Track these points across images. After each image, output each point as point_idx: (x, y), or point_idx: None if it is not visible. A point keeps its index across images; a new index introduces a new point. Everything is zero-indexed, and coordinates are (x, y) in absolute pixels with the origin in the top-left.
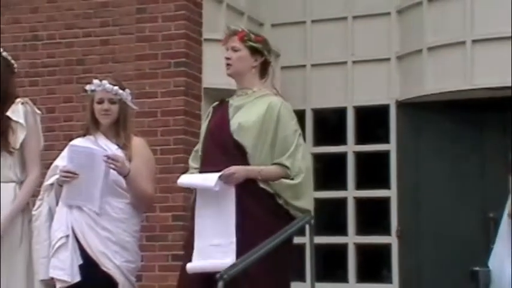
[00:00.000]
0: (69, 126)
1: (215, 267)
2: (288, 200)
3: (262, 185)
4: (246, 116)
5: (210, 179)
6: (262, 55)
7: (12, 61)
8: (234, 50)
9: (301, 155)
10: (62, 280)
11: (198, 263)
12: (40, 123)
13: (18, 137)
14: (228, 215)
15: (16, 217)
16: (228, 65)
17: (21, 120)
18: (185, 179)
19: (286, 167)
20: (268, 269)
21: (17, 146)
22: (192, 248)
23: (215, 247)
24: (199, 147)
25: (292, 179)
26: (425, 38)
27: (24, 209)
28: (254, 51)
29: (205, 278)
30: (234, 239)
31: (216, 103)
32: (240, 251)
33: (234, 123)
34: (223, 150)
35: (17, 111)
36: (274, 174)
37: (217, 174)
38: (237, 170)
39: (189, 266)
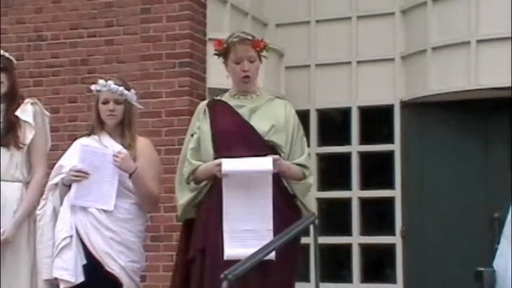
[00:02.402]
0: (74, 126)
1: None
2: (302, 200)
3: (286, 185)
4: (274, 119)
5: (265, 163)
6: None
7: (12, 58)
8: (251, 60)
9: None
10: (66, 280)
11: (235, 250)
12: (48, 124)
13: (26, 136)
14: (264, 200)
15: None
16: (247, 76)
17: (30, 120)
18: (232, 166)
19: (306, 166)
20: (272, 269)
21: (27, 142)
22: (202, 244)
23: (249, 233)
24: (205, 146)
25: (307, 178)
26: (430, 38)
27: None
28: (260, 57)
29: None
30: (271, 226)
31: (207, 101)
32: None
33: (262, 125)
34: (254, 150)
35: (26, 111)
36: (296, 172)
37: (269, 158)
38: (279, 158)
39: (226, 252)
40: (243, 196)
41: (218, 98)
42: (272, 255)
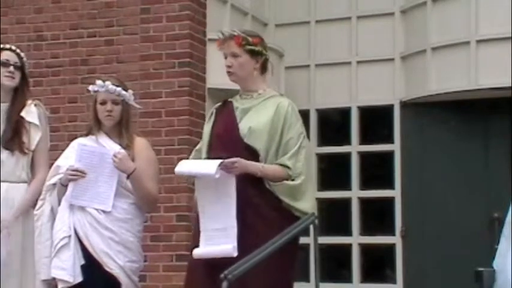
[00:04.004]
0: (74, 127)
1: (216, 253)
2: (289, 202)
3: (268, 187)
4: (256, 120)
5: (211, 166)
6: (262, 55)
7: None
8: (234, 56)
9: (303, 156)
10: (64, 280)
11: (202, 249)
12: (48, 125)
13: (33, 138)
14: (228, 199)
15: (30, 216)
16: (229, 72)
17: (37, 122)
18: (183, 167)
19: (288, 167)
20: (271, 269)
21: (32, 147)
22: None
23: (218, 231)
24: (202, 148)
25: (293, 180)
26: (430, 38)
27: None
28: (254, 53)
29: (212, 275)
30: (235, 223)
31: (219, 104)
32: (250, 252)
33: (243, 127)
34: (232, 153)
35: (31, 113)
36: (275, 173)
37: (217, 161)
38: (239, 160)
39: (194, 252)
40: (212, 196)
41: (230, 99)
42: (231, 252)
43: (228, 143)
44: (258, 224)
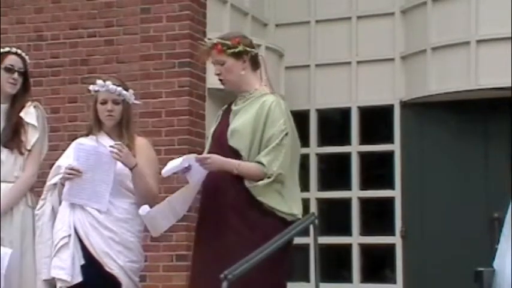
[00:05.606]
0: (74, 127)
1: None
2: (267, 202)
3: (246, 186)
4: (240, 120)
5: (178, 159)
6: (247, 53)
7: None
8: (220, 63)
9: (283, 155)
10: (63, 280)
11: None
12: (47, 126)
13: (30, 139)
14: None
15: (29, 216)
16: (221, 80)
17: (35, 123)
18: (166, 167)
19: (262, 164)
20: (263, 270)
21: (29, 147)
22: (200, 246)
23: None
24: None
25: (269, 177)
26: (430, 38)
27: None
28: (237, 55)
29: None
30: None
31: (226, 106)
32: (236, 252)
33: (229, 130)
34: (223, 156)
35: (30, 114)
36: (251, 170)
37: (182, 157)
38: (212, 156)
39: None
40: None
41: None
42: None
43: (219, 146)
44: (240, 224)
